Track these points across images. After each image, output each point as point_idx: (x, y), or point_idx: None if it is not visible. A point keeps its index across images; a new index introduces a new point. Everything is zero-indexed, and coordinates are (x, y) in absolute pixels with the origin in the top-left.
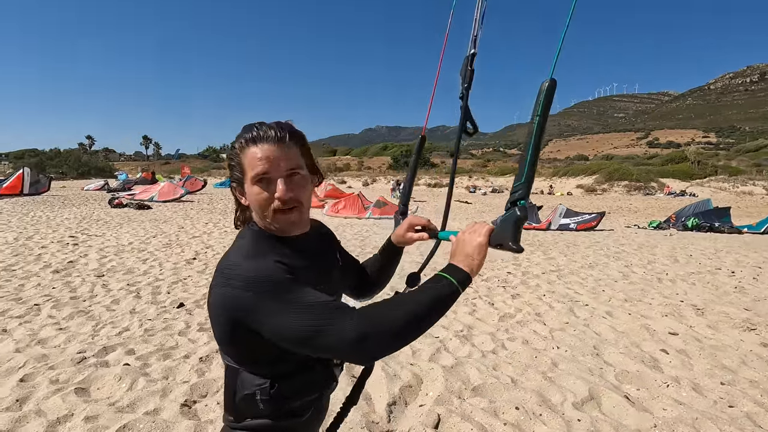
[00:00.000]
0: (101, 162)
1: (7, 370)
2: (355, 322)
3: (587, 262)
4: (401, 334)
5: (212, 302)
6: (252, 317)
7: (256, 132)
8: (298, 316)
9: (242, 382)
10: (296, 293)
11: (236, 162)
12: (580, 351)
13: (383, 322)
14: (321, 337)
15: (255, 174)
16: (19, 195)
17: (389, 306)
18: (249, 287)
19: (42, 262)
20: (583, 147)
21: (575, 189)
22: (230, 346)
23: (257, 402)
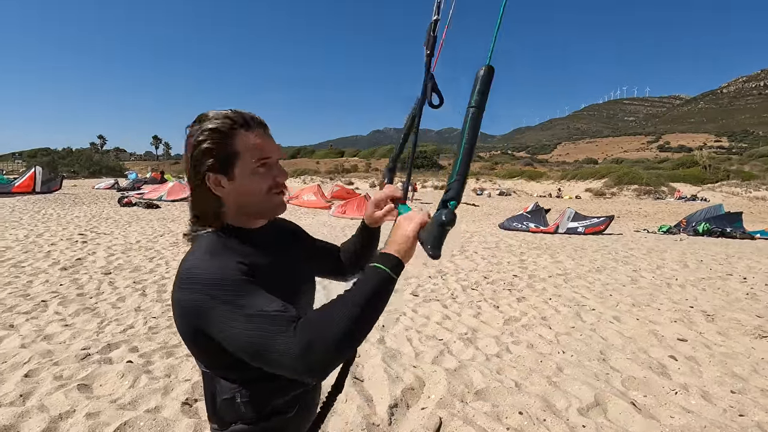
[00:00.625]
0: (112, 161)
1: (12, 365)
2: (297, 338)
3: (595, 266)
4: (345, 339)
5: (173, 308)
6: (206, 323)
7: (245, 118)
8: (244, 326)
9: (220, 387)
10: (247, 299)
11: (222, 146)
12: (586, 356)
13: (324, 332)
14: (267, 353)
15: (260, 158)
16: (32, 193)
17: (327, 313)
18: (202, 290)
19: (51, 259)
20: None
21: (584, 192)
22: (198, 352)
23: (238, 405)
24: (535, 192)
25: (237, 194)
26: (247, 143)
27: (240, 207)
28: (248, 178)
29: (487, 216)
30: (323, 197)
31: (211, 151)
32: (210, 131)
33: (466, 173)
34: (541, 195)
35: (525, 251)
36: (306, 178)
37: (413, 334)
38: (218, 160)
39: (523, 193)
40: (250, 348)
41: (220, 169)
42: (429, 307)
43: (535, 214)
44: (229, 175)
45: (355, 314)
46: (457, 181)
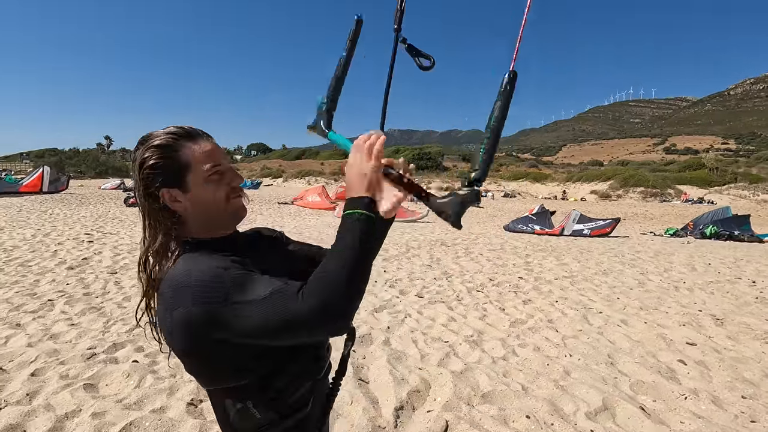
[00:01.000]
0: (118, 162)
1: (19, 364)
2: (307, 302)
3: (601, 269)
4: (352, 289)
5: (167, 332)
6: (215, 328)
7: (186, 130)
8: (259, 313)
9: (230, 401)
10: (249, 288)
11: (171, 160)
12: (593, 359)
13: (329, 286)
14: (287, 327)
15: (210, 167)
16: (39, 193)
17: (324, 271)
18: (203, 297)
19: (57, 259)
20: (598, 152)
21: (589, 195)
22: (199, 368)
23: (253, 414)
24: (540, 194)
25: (196, 206)
26: (195, 153)
27: (203, 219)
28: (203, 187)
29: (492, 218)
30: (328, 198)
31: (160, 167)
32: (155, 147)
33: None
34: (546, 197)
35: (530, 253)
36: (310, 179)
37: (419, 336)
38: (170, 174)
39: (528, 195)
40: (270, 330)
41: (174, 183)
42: (434, 308)
43: (541, 216)
44: (183, 187)
45: (352, 263)
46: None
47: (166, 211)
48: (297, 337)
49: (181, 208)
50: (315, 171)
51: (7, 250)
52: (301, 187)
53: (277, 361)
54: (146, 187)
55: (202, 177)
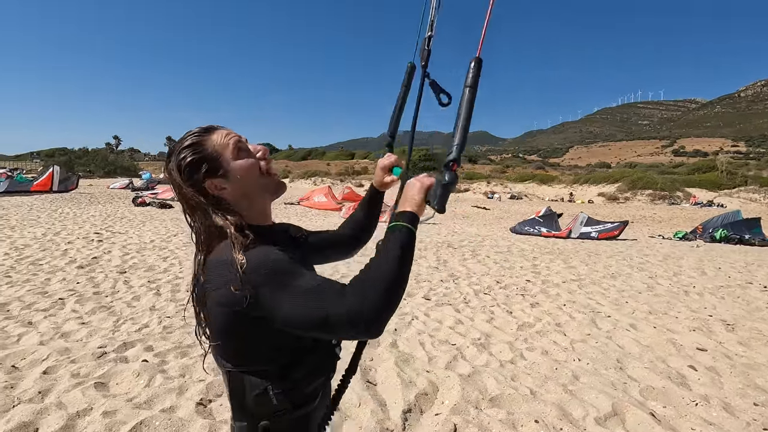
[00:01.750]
0: (127, 161)
1: (31, 362)
2: (349, 301)
3: (609, 272)
4: (389, 293)
5: (211, 303)
6: (260, 308)
7: (204, 127)
8: (304, 302)
9: (250, 383)
10: (298, 277)
11: (203, 152)
12: (602, 364)
13: (371, 290)
14: (328, 321)
15: (234, 146)
16: (49, 192)
17: (368, 274)
18: (255, 277)
19: (68, 258)
20: (605, 154)
21: (597, 197)
22: (233, 347)
23: (270, 398)
24: (547, 196)
25: (237, 185)
26: (219, 140)
27: (247, 198)
28: (236, 165)
29: (499, 220)
30: (334, 199)
31: (197, 161)
32: (186, 148)
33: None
34: (553, 199)
35: (538, 256)
36: (317, 180)
37: (426, 339)
38: (206, 164)
39: (535, 196)
40: (311, 321)
41: (213, 171)
42: (441, 311)
43: (548, 219)
44: (221, 171)
45: (392, 270)
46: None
47: (216, 205)
48: (330, 332)
49: (227, 194)
50: (321, 171)
51: (19, 248)
52: (307, 188)
53: (299, 352)
54: (192, 185)
55: (231, 156)
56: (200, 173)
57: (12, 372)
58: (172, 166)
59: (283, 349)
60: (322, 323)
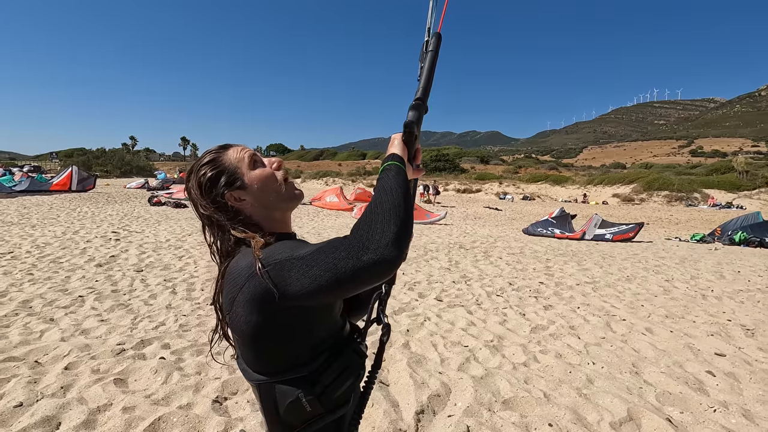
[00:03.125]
0: (142, 161)
1: (53, 357)
2: (356, 240)
3: (624, 275)
4: (393, 218)
5: (239, 309)
6: (284, 290)
7: (220, 145)
8: (318, 264)
9: (281, 394)
10: (305, 247)
11: (221, 166)
12: (617, 368)
13: (374, 221)
14: (345, 271)
15: (250, 158)
16: (68, 191)
17: (367, 211)
18: (274, 265)
19: (87, 256)
20: (620, 154)
21: (611, 198)
22: (262, 349)
23: (303, 406)
24: (560, 197)
25: (257, 195)
26: (235, 154)
27: (266, 207)
28: (253, 174)
29: (511, 221)
30: (345, 199)
31: (215, 176)
32: (205, 164)
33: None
34: (566, 200)
35: (551, 258)
36: (328, 180)
37: (438, 340)
38: (226, 177)
39: (548, 197)
40: (331, 278)
41: (232, 184)
42: (453, 312)
43: (561, 220)
44: (240, 183)
45: (389, 199)
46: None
47: (235, 218)
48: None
49: (246, 205)
50: (333, 172)
51: (40, 246)
52: (319, 188)
53: (327, 356)
54: (213, 199)
55: (247, 167)
56: (220, 186)
57: (35, 367)
58: (192, 184)
59: (312, 350)
60: (339, 277)
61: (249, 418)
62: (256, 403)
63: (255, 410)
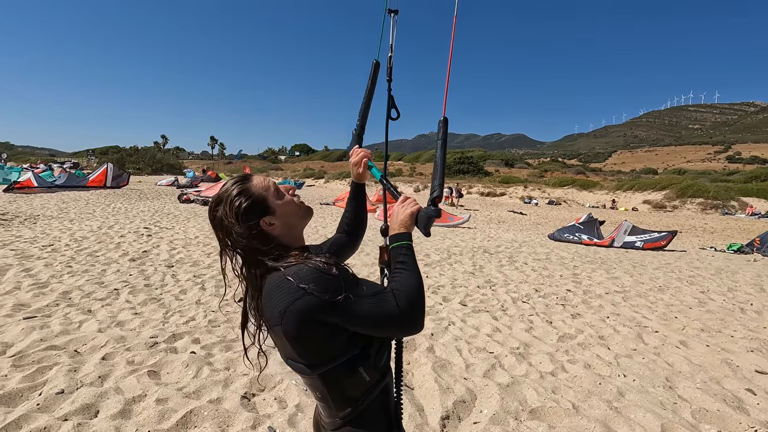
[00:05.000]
0: (172, 159)
1: (91, 347)
2: (400, 302)
3: (656, 285)
4: (420, 293)
5: (291, 321)
6: (334, 313)
7: (242, 176)
8: (370, 306)
9: (344, 374)
10: (360, 286)
11: (253, 196)
12: (650, 381)
13: (409, 294)
14: (386, 321)
15: (274, 187)
16: (103, 188)
17: (401, 282)
18: (333, 287)
19: (121, 250)
20: (652, 159)
21: (642, 204)
22: (319, 350)
23: (363, 377)
24: (587, 202)
25: (283, 219)
26: (261, 184)
27: (289, 229)
28: (282, 203)
29: (536, 225)
30: (368, 201)
31: (251, 205)
32: (238, 195)
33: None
34: (594, 206)
35: (578, 264)
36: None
37: (463, 345)
38: (258, 206)
39: (574, 202)
40: (375, 320)
41: (265, 211)
42: (478, 318)
43: (589, 226)
44: (271, 210)
45: (417, 278)
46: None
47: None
48: (388, 329)
49: (276, 228)
50: None
51: (78, 240)
52: (342, 189)
53: None
54: (250, 226)
55: (274, 196)
56: (255, 214)
57: (75, 356)
58: (224, 214)
59: (358, 334)
60: (384, 320)
61: (276, 416)
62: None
63: (282, 408)
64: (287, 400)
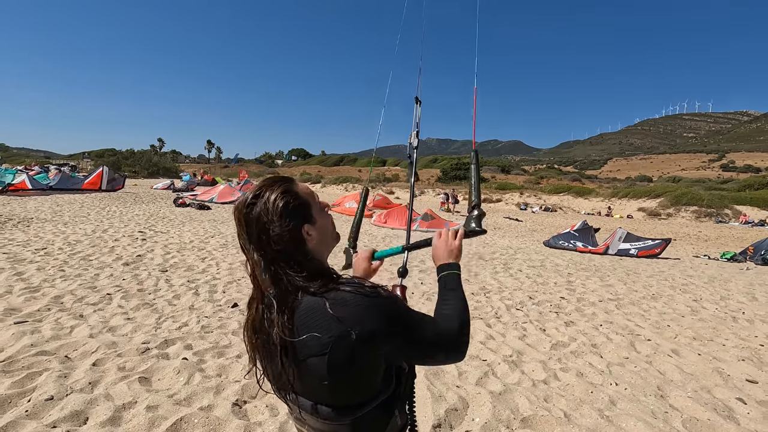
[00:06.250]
0: (169, 163)
1: (82, 353)
2: (449, 326)
3: (650, 293)
4: (468, 324)
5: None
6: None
7: (287, 177)
8: (425, 333)
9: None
10: (414, 314)
11: (300, 199)
12: (641, 390)
13: (459, 322)
14: (438, 348)
15: (318, 200)
16: (98, 191)
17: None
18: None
19: (115, 254)
20: (647, 167)
21: (636, 212)
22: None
23: (397, 421)
24: (583, 209)
25: (319, 234)
26: (305, 189)
27: (321, 247)
28: (321, 216)
29: (532, 232)
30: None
31: (299, 206)
32: (285, 193)
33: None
34: (590, 212)
35: (573, 272)
36: (348, 186)
37: None
38: (305, 210)
39: (570, 209)
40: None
41: (308, 218)
42: (472, 325)
43: (583, 233)
44: (312, 220)
45: (462, 305)
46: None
47: (302, 246)
48: (443, 353)
49: (312, 240)
50: (353, 178)
51: (71, 243)
52: (339, 194)
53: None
54: (290, 230)
55: (318, 208)
56: (299, 218)
57: (65, 362)
58: (264, 210)
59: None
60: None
61: (267, 424)
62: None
63: (273, 415)
64: (278, 408)
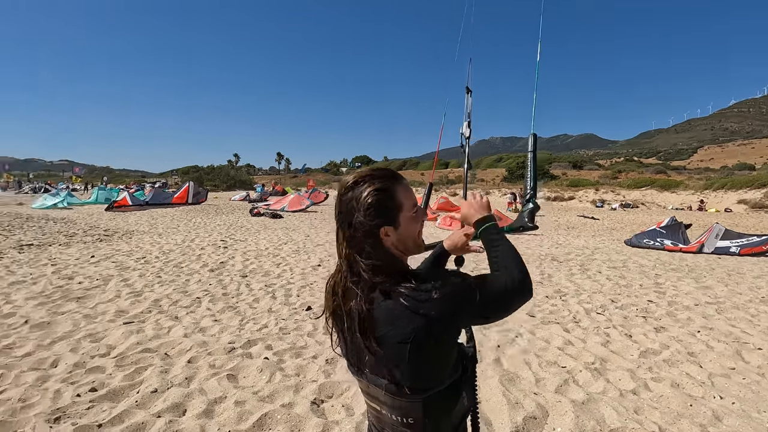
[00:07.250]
0: (244, 176)
1: (179, 351)
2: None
3: (758, 296)
4: (523, 264)
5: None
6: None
7: (393, 173)
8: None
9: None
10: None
11: (390, 201)
12: (753, 405)
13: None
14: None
15: (413, 206)
16: (185, 204)
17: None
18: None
19: (201, 262)
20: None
21: (736, 205)
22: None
23: (464, 403)
24: (670, 204)
25: (399, 241)
26: (405, 194)
27: (398, 253)
28: (408, 225)
29: (610, 231)
30: (429, 209)
31: (382, 207)
32: (377, 191)
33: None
34: (678, 208)
35: (661, 273)
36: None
37: (532, 358)
38: (389, 213)
39: (654, 205)
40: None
41: (391, 221)
42: (548, 329)
43: (672, 230)
44: (396, 224)
45: (512, 250)
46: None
47: (380, 246)
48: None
49: (389, 243)
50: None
51: (165, 252)
52: None
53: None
54: (370, 225)
55: (408, 215)
56: (381, 216)
57: (165, 359)
58: (355, 197)
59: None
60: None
61: (344, 423)
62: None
63: (350, 415)
64: (354, 408)
